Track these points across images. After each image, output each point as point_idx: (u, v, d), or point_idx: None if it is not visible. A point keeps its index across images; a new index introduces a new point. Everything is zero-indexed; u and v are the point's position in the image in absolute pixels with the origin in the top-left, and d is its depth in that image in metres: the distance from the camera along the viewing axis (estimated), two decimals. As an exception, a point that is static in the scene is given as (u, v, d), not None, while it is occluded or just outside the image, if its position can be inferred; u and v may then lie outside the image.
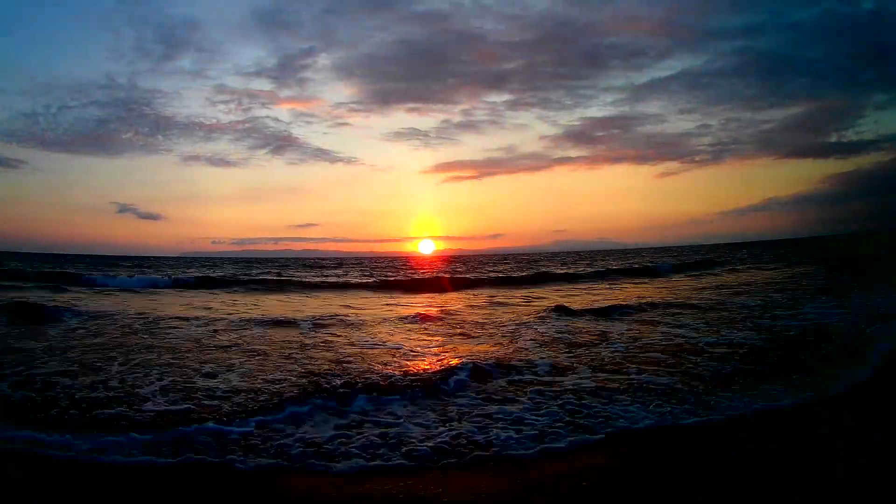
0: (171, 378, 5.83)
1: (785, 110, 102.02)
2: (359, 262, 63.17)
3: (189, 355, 7.12)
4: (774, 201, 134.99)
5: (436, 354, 7.25)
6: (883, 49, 73.66)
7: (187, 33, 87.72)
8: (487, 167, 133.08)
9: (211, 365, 6.51)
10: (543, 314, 11.15)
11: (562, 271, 29.77)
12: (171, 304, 14.93)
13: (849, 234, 78.18)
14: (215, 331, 9.31)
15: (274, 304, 15.36)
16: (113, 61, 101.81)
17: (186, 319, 10.72)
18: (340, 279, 27.69)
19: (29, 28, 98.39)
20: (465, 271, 35.32)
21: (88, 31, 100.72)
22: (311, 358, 6.93)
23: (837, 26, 78.00)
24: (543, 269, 32.00)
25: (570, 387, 5.45)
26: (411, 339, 8.62)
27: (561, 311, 11.35)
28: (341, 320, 10.79)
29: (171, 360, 6.75)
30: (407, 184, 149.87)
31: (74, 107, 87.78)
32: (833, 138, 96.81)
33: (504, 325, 9.89)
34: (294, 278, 27.40)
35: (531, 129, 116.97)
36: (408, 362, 6.72)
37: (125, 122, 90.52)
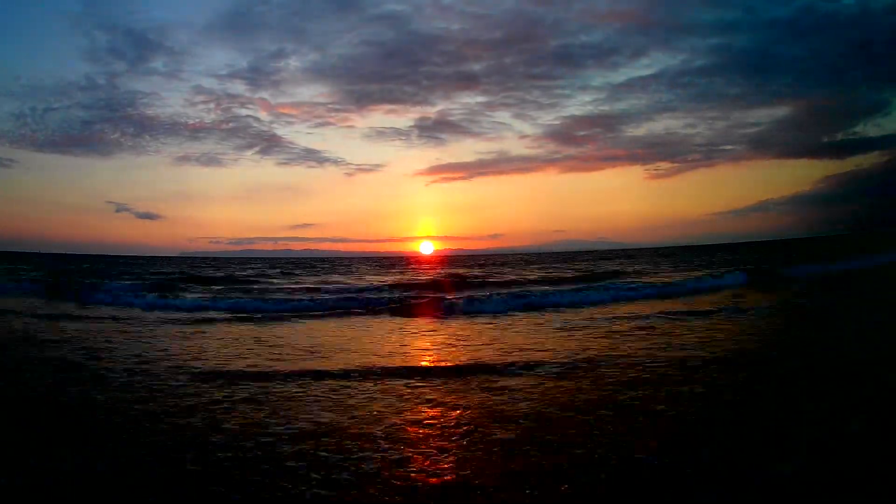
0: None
1: (773, 110, 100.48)
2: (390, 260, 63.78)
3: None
4: (771, 202, 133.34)
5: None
6: (869, 48, 72.00)
7: (157, 36, 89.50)
8: (477, 168, 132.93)
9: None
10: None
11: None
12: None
13: (846, 234, 77.34)
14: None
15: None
16: (90, 63, 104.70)
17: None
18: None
19: (8, 29, 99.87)
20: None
21: (63, 34, 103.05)
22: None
23: (817, 23, 76.15)
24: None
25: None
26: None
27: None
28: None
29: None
30: (397, 184, 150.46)
31: (59, 108, 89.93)
32: (825, 139, 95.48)
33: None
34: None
35: (511, 128, 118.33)
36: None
37: (110, 123, 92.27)
